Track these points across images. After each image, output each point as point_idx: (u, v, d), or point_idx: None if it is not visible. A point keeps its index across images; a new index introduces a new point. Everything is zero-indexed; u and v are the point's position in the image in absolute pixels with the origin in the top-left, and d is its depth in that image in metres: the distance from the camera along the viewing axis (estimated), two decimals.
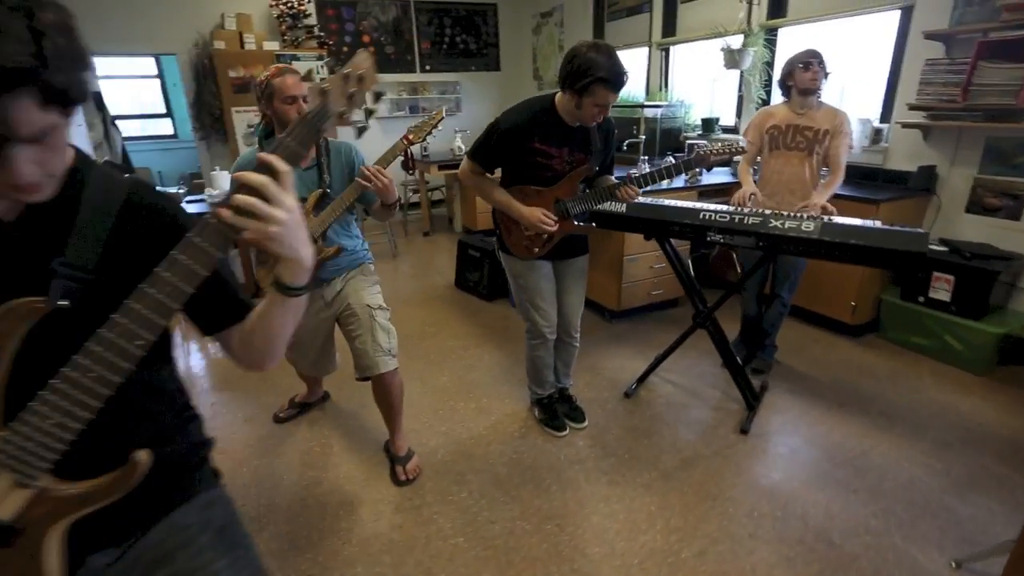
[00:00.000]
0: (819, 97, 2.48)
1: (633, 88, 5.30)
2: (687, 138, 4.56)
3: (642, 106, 4.60)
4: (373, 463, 2.21)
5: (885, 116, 3.29)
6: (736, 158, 2.51)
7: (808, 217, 2.04)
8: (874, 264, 1.96)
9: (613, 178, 2.14)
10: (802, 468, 2.11)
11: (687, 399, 2.59)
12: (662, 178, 1.98)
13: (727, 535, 1.80)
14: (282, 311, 0.82)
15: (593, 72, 1.71)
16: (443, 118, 1.98)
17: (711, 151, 1.95)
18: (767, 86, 3.96)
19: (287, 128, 0.73)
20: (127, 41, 5.14)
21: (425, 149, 5.52)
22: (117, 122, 5.28)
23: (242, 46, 5.13)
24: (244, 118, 5.23)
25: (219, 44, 5.04)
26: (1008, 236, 2.80)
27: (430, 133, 1.97)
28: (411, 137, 1.93)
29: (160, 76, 6.00)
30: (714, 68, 4.17)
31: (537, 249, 2.07)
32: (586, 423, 2.41)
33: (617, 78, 1.73)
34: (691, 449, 2.23)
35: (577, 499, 1.98)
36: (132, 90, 5.89)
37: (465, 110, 6.65)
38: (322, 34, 5.53)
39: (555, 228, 1.97)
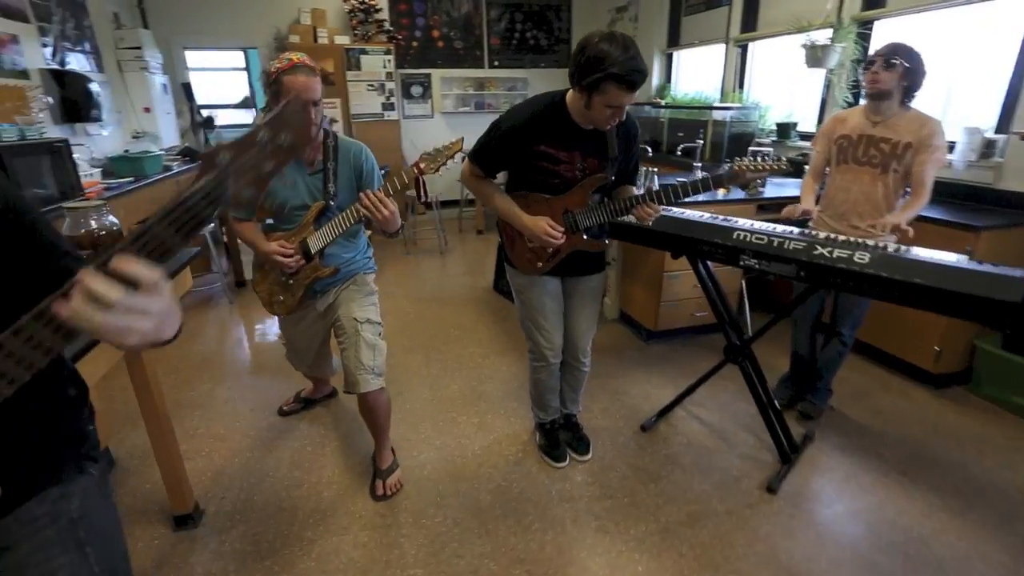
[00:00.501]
0: (905, 102, 2.04)
1: (707, 87, 4.90)
2: (759, 144, 4.12)
3: (710, 108, 4.21)
4: (358, 471, 2.12)
5: (1002, 126, 2.73)
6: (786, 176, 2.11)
7: (865, 244, 1.69)
8: (946, 312, 1.56)
9: (634, 189, 1.90)
10: (836, 546, 1.75)
11: (713, 442, 2.28)
12: (686, 194, 1.69)
13: None
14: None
15: (605, 67, 1.45)
16: (460, 149, 1.73)
17: (746, 167, 1.65)
18: (855, 88, 3.45)
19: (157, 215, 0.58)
20: (217, 36, 5.50)
21: None
22: (203, 111, 5.67)
23: (315, 40, 5.31)
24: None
25: (294, 38, 5.24)
26: None
27: (444, 164, 1.73)
28: (422, 166, 1.71)
29: (247, 69, 6.37)
30: (796, 67, 3.70)
31: (541, 264, 1.87)
32: (589, 456, 2.18)
33: (632, 75, 1.46)
34: (702, 502, 1.94)
35: (557, 543, 1.77)
36: (222, 81, 6.30)
37: None
38: (391, 29, 5.60)
39: (561, 242, 1.75)
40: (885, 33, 3.34)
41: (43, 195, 2.76)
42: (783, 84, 4.13)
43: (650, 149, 4.49)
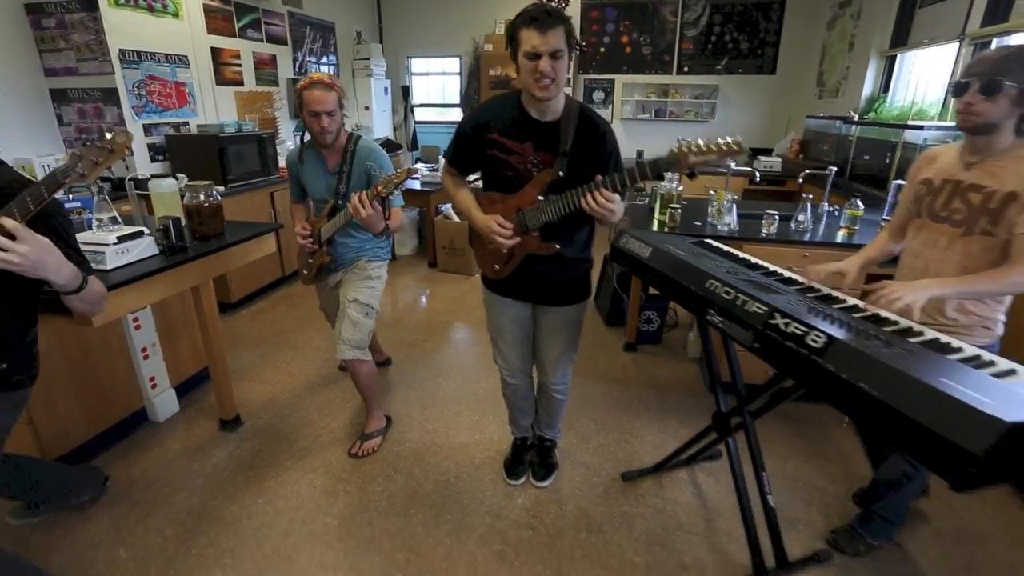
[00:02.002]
0: (1012, 141, 1.38)
1: (925, 99, 3.83)
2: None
3: (903, 126, 3.31)
4: (357, 430, 2.45)
5: None
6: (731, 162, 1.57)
7: (843, 319, 1.27)
8: (895, 443, 1.06)
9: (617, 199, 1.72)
10: None
11: (691, 520, 1.95)
12: (633, 180, 1.49)
13: None
14: (71, 301, 1.36)
15: (515, 21, 1.47)
16: (407, 177, 1.94)
17: (690, 148, 1.38)
18: None
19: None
20: (435, 45, 6.47)
21: (640, 155, 5.23)
22: (417, 109, 6.74)
23: (506, 48, 5.80)
24: None
25: (488, 47, 5.83)
26: None
27: (397, 186, 1.94)
28: (380, 188, 1.93)
29: (460, 73, 7.30)
30: None
31: (499, 267, 1.81)
32: (546, 484, 2.10)
33: (534, 11, 1.42)
34: (621, 572, 1.72)
35: (449, 548, 1.81)
36: (439, 84, 7.36)
37: (720, 116, 5.93)
38: (575, 37, 5.74)
39: (511, 241, 1.69)
40: None
41: (250, 171, 3.79)
42: None
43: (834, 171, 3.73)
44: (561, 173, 1.61)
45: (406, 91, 6.53)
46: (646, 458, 2.25)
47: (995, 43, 3.28)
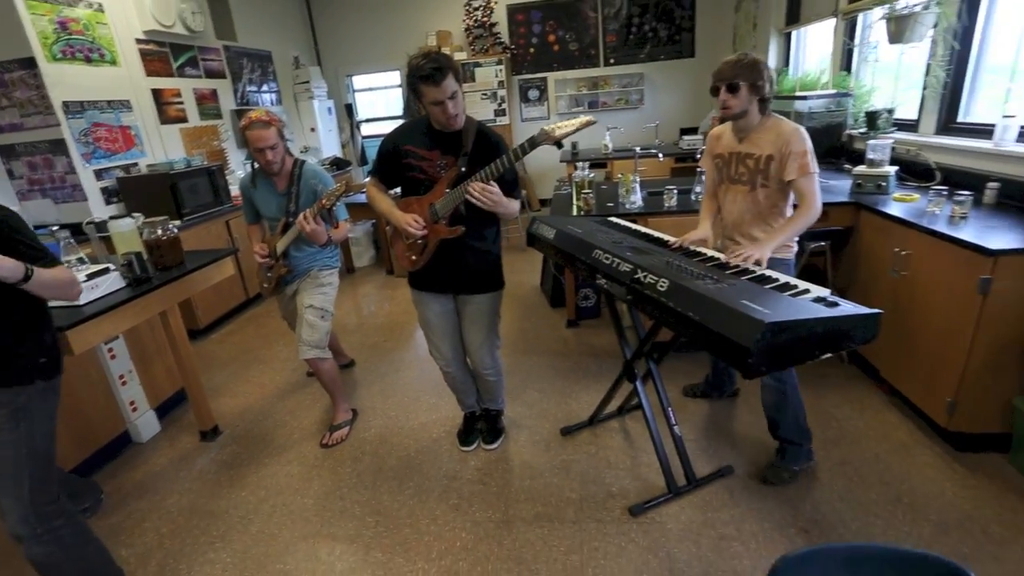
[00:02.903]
0: (764, 111, 1.87)
1: (819, 70, 4.24)
2: (851, 136, 3.51)
3: (791, 97, 3.70)
4: (327, 424, 2.72)
5: None
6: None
7: (678, 270, 1.60)
8: (713, 352, 1.39)
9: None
10: None
11: (620, 458, 2.27)
12: (504, 167, 1.81)
13: None
14: (32, 288, 1.48)
15: (412, 76, 1.76)
16: (343, 191, 2.24)
17: (556, 127, 1.74)
18: (956, 66, 2.74)
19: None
20: (372, 62, 6.70)
21: (575, 147, 5.56)
22: (363, 125, 6.97)
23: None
24: None
25: None
26: None
27: (337, 200, 2.26)
28: (323, 202, 2.25)
29: (401, 85, 7.55)
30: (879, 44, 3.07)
31: (415, 258, 2.07)
32: (495, 446, 2.41)
33: (428, 72, 1.70)
34: (558, 508, 2.03)
35: (412, 507, 2.10)
36: (383, 99, 7.59)
37: (648, 102, 6.32)
38: (505, 40, 6.06)
39: (422, 231, 1.96)
40: None
41: (203, 203, 4.00)
42: (876, 63, 3.42)
43: None
44: (463, 169, 1.91)
45: (350, 109, 6.75)
46: (584, 415, 2.56)
47: (860, 17, 3.69)
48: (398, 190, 2.11)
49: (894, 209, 2.41)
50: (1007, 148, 2.37)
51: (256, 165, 2.46)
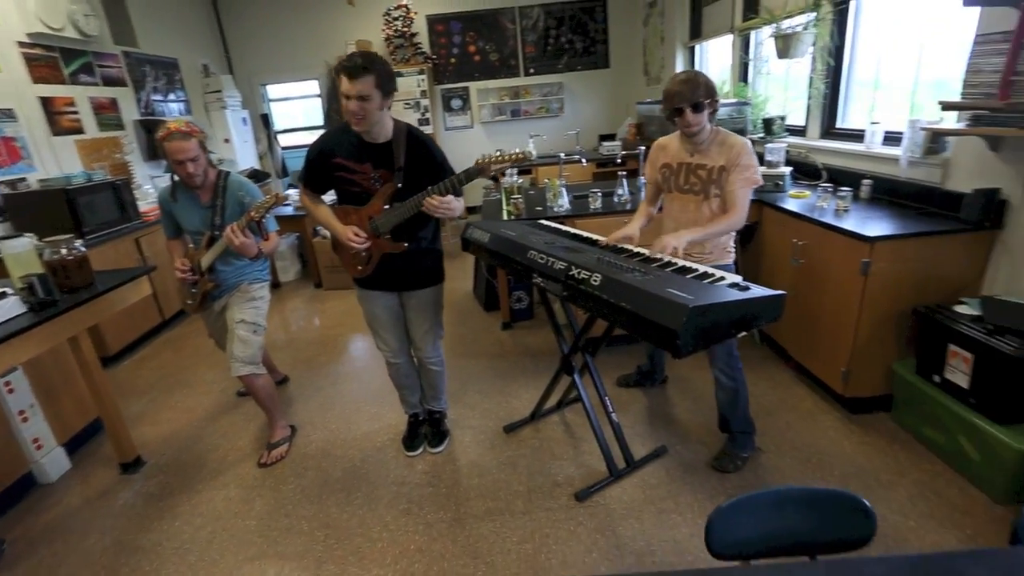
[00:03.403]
0: (710, 129, 2.01)
1: (721, 81, 4.63)
2: (751, 141, 3.85)
3: None
4: (264, 443, 2.61)
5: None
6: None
7: (608, 265, 1.73)
8: (644, 337, 1.55)
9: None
10: (602, 558, 1.81)
11: (563, 449, 2.38)
12: (448, 190, 1.89)
13: None
14: None
15: (337, 67, 1.79)
16: (276, 202, 2.17)
17: (490, 159, 1.82)
18: (832, 79, 3.12)
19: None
20: (288, 71, 6.49)
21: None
22: (282, 136, 6.72)
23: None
24: None
25: None
26: None
27: (269, 211, 2.19)
28: (253, 213, 2.17)
29: (322, 95, 7.36)
30: (769, 58, 3.43)
31: (361, 267, 2.12)
32: (441, 449, 2.43)
33: (349, 64, 1.73)
34: (507, 501, 2.10)
35: (362, 517, 2.08)
36: (301, 108, 7.36)
37: (568, 110, 6.58)
38: (426, 51, 6.10)
39: (365, 245, 2.01)
40: (868, 14, 2.98)
41: (109, 220, 3.71)
42: (767, 75, 3.81)
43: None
44: (400, 185, 1.96)
45: (266, 119, 6.49)
46: (525, 412, 2.64)
47: (752, 34, 4.09)
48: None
49: (790, 205, 2.71)
50: (876, 150, 2.73)
51: (176, 178, 2.35)
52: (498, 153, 1.84)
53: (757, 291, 1.57)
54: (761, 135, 3.69)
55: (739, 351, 2.11)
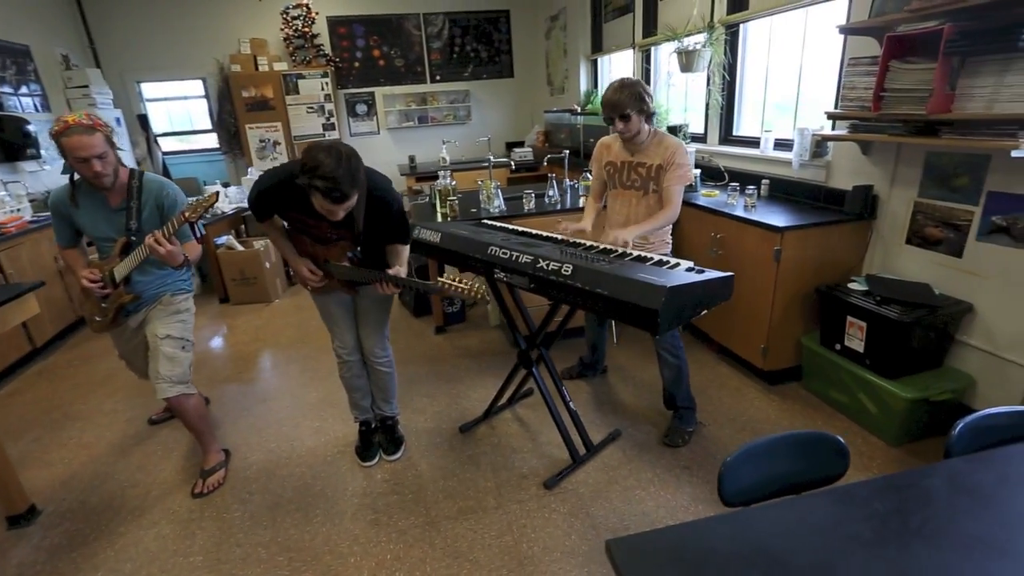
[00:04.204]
0: (650, 126, 2.22)
1: None
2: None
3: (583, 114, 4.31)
4: (193, 472, 2.34)
5: (834, 125, 2.77)
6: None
7: (577, 256, 1.82)
8: (620, 319, 1.69)
9: (401, 247, 2.06)
10: (580, 539, 1.88)
11: (521, 443, 2.42)
12: (408, 286, 1.93)
13: None
14: None
15: (311, 177, 1.60)
16: (216, 201, 1.99)
17: (450, 286, 1.78)
18: (727, 91, 3.52)
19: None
20: (170, 68, 5.88)
21: (413, 160, 5.62)
22: (162, 139, 6.06)
23: (256, 68, 5.62)
24: (256, 134, 5.74)
25: (235, 67, 5.57)
26: (949, 276, 2.24)
27: (206, 211, 1.97)
28: (187, 215, 1.94)
29: (207, 96, 6.76)
30: (674, 72, 3.79)
31: (320, 286, 2.09)
32: (398, 455, 2.36)
33: (335, 193, 1.61)
34: (478, 499, 2.09)
35: (327, 535, 1.96)
36: (183, 109, 6.70)
37: (476, 118, 6.68)
38: (328, 53, 5.87)
39: (319, 284, 2.05)
40: (754, 33, 3.40)
41: None
42: (679, 87, 4.20)
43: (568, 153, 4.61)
44: (358, 258, 1.99)
45: (144, 120, 5.82)
46: (476, 411, 2.65)
47: (653, 51, 4.47)
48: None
49: (704, 202, 3.00)
50: (770, 154, 3.13)
51: (75, 178, 2.05)
52: (462, 283, 1.79)
53: (711, 274, 1.74)
54: None
55: None
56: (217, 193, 2.01)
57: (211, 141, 6.92)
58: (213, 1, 5.68)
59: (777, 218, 2.55)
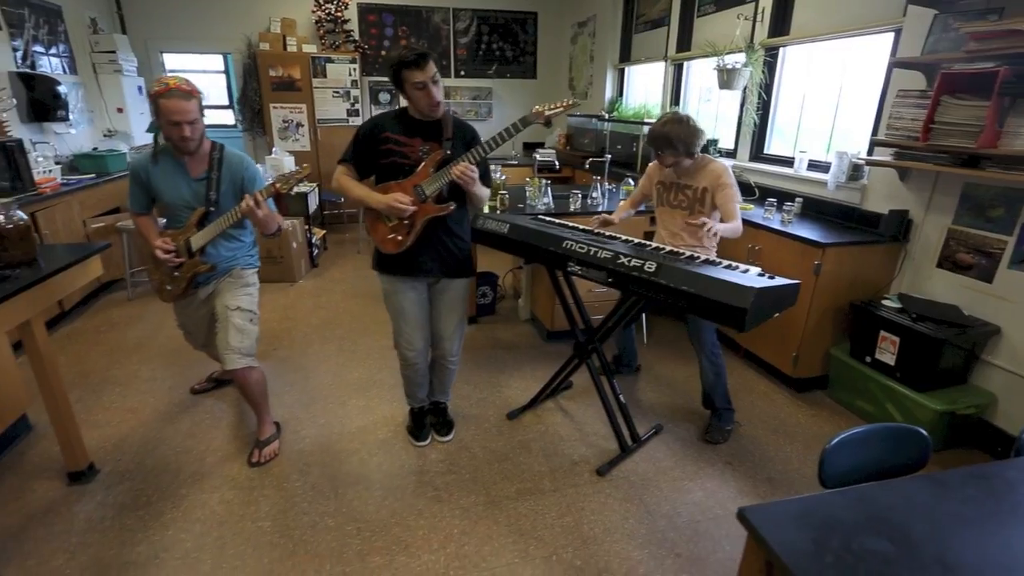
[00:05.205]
0: (694, 158, 2.37)
1: (650, 103, 5.13)
2: None
3: (640, 123, 4.45)
4: (245, 442, 2.39)
5: (871, 151, 2.94)
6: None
7: (660, 255, 1.93)
8: (705, 315, 1.80)
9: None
10: (637, 522, 1.99)
11: (568, 431, 2.52)
12: (497, 144, 1.95)
13: (512, 574, 1.76)
14: None
15: (396, 63, 1.85)
16: (308, 173, 2.07)
17: (544, 108, 1.96)
18: (762, 110, 3.68)
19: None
20: (195, 40, 5.82)
21: None
22: None
23: (284, 48, 5.60)
24: (280, 114, 5.72)
25: (264, 45, 5.55)
26: (978, 299, 2.41)
27: (297, 184, 2.08)
28: (278, 186, 2.02)
29: (226, 72, 6.70)
30: (712, 88, 3.94)
31: (401, 238, 2.04)
32: (450, 437, 2.43)
33: (414, 56, 1.82)
34: (534, 481, 2.18)
35: (392, 508, 2.03)
36: (202, 84, 6.63)
37: (496, 115, 6.75)
38: (357, 39, 5.88)
39: (411, 208, 1.96)
40: (793, 60, 3.57)
41: None
42: (712, 102, 4.35)
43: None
44: (448, 151, 1.98)
45: None
46: (519, 399, 2.73)
47: (685, 65, 4.62)
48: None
49: (743, 215, 3.14)
50: (803, 174, 3.29)
51: (161, 141, 2.08)
52: (550, 102, 1.97)
53: (781, 280, 1.86)
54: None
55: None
56: (306, 165, 2.06)
57: (226, 117, 6.87)
58: None
59: (815, 235, 2.70)
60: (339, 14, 5.66)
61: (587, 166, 3.76)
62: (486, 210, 3.21)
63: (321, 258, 5.05)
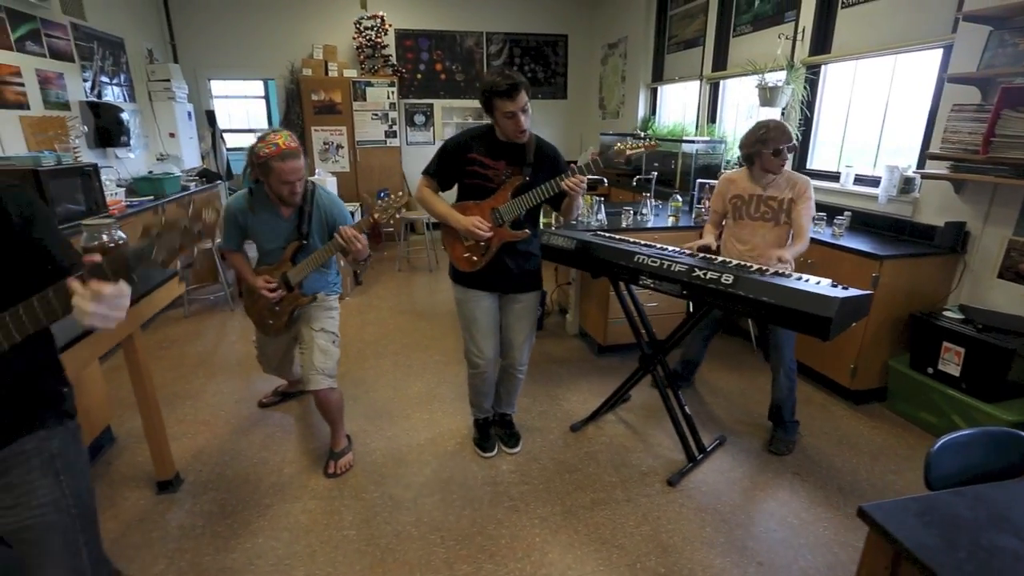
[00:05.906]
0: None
1: (685, 120, 5.22)
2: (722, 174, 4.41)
3: (680, 140, 4.53)
4: (317, 454, 2.46)
5: (921, 164, 2.98)
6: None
7: (734, 268, 1.98)
8: (786, 325, 1.84)
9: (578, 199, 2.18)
10: (714, 531, 2.01)
11: (632, 442, 2.55)
12: (597, 168, 2.00)
13: None
14: None
15: (488, 90, 1.91)
16: (406, 202, 2.15)
17: (626, 147, 2.08)
18: (804, 127, 3.74)
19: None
20: (241, 67, 6.07)
21: None
22: (225, 135, 6.21)
23: (326, 73, 5.82)
24: (321, 136, 5.91)
25: (307, 71, 5.76)
26: None
27: (395, 214, 2.13)
28: (376, 216, 2.10)
29: (266, 97, 6.95)
30: (754, 106, 4.01)
31: (476, 258, 2.13)
32: (518, 449, 2.48)
33: (506, 87, 1.87)
34: (607, 491, 2.22)
35: (473, 517, 2.07)
36: (243, 108, 6.88)
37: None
38: (395, 63, 6.09)
39: (488, 234, 2.06)
40: (833, 77, 3.63)
41: (74, 211, 3.23)
42: (750, 120, 4.42)
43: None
44: (528, 177, 2.05)
45: (212, 116, 5.98)
46: (579, 412, 2.78)
47: (722, 84, 4.70)
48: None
49: None
50: (850, 188, 3.33)
51: (253, 189, 2.19)
52: (630, 141, 2.03)
53: (853, 291, 1.90)
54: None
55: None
56: (402, 193, 2.15)
57: None
58: (290, 6, 5.89)
59: (869, 247, 2.73)
60: (379, 40, 5.87)
61: (634, 183, 3.84)
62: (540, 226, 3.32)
63: (364, 276, 5.17)
